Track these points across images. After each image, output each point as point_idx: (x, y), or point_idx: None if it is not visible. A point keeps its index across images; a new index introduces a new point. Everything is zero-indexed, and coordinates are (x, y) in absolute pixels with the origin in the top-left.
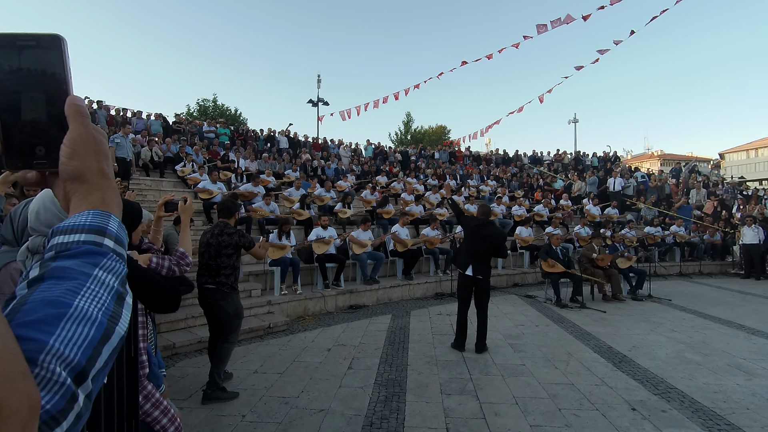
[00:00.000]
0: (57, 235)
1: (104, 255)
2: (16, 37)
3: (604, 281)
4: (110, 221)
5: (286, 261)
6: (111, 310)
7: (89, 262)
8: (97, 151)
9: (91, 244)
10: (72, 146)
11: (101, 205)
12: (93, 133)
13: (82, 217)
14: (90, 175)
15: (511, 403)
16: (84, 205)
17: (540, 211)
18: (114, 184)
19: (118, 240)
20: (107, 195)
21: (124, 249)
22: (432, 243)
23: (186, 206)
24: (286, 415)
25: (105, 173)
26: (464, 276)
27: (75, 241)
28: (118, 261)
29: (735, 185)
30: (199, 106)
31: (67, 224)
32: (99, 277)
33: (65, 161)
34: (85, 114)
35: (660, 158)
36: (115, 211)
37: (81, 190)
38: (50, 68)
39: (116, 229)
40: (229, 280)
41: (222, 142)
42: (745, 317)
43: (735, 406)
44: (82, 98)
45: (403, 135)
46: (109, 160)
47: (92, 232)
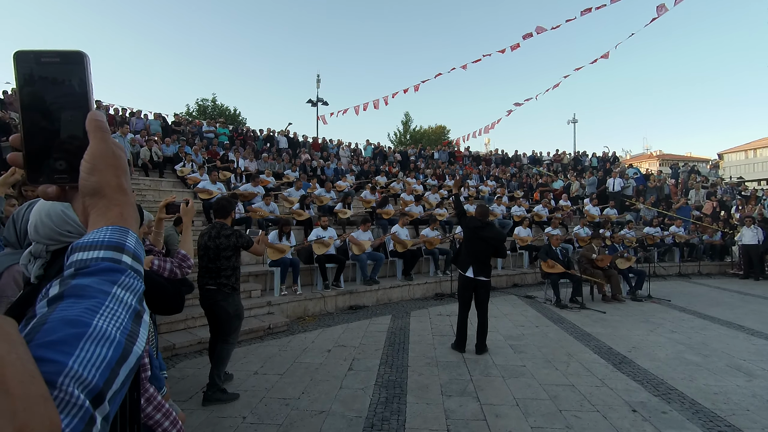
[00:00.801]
0: (76, 252)
1: (122, 272)
2: (41, 54)
3: (603, 282)
4: (128, 237)
5: (286, 261)
6: (129, 329)
7: (108, 279)
8: (116, 166)
9: (110, 261)
10: (92, 162)
11: (120, 220)
12: (113, 148)
13: (101, 233)
14: (109, 190)
15: (512, 405)
16: (103, 220)
17: (539, 211)
18: (132, 199)
19: (136, 256)
20: (125, 210)
21: (142, 265)
22: (432, 243)
23: (188, 208)
24: (286, 416)
25: (123, 188)
26: (464, 277)
27: (94, 258)
28: (136, 278)
29: (734, 186)
30: (199, 105)
31: (86, 240)
32: (117, 295)
33: (85, 177)
34: (106, 129)
35: (659, 158)
36: (133, 226)
37: (100, 205)
38: (73, 84)
39: (134, 245)
40: (230, 281)
41: (221, 142)
42: (745, 318)
43: (735, 407)
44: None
45: (402, 135)
46: (127, 174)
47: (111, 248)
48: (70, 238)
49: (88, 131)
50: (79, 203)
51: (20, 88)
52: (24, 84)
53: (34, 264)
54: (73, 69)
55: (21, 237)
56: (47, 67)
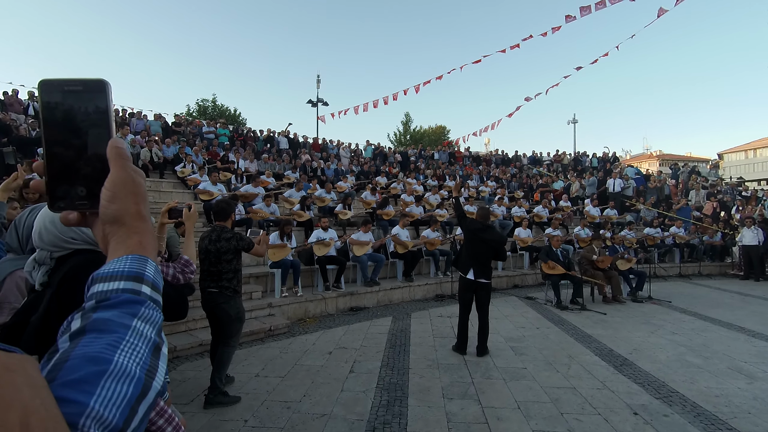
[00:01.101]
0: (97, 283)
1: (142, 303)
2: (64, 82)
3: (604, 283)
4: (147, 266)
5: (287, 263)
6: (148, 364)
7: (128, 312)
8: (135, 193)
9: (130, 292)
10: (112, 189)
11: (139, 249)
12: (132, 175)
13: (120, 263)
14: (128, 218)
15: (513, 408)
16: (122, 249)
17: (539, 212)
18: (151, 226)
19: (155, 286)
20: (144, 238)
21: (160, 294)
22: (432, 244)
23: (190, 213)
24: (288, 420)
25: (143, 215)
26: (465, 279)
27: (114, 290)
28: (155, 309)
29: (734, 186)
30: (199, 106)
31: (106, 271)
32: (138, 328)
33: (105, 204)
34: (126, 157)
35: (659, 158)
36: (151, 254)
37: (120, 233)
38: (94, 112)
39: (153, 274)
40: (232, 284)
41: (221, 143)
42: (745, 319)
43: (737, 410)
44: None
45: (402, 135)
46: (146, 201)
47: (131, 279)
48: (73, 245)
49: (109, 159)
50: (99, 229)
51: (44, 116)
52: (47, 112)
53: (39, 271)
54: (94, 97)
55: (23, 242)
56: (70, 95)
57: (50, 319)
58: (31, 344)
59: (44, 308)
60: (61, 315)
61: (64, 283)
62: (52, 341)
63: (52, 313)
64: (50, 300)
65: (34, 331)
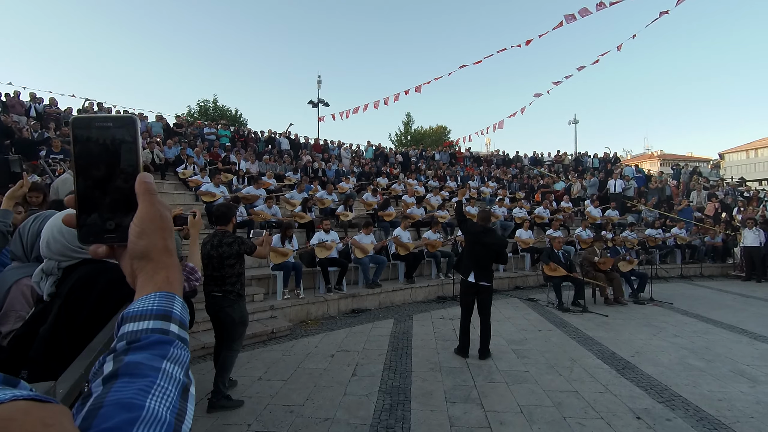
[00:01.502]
0: (127, 323)
1: (171, 344)
2: (94, 119)
3: (605, 284)
4: (174, 303)
5: (289, 265)
6: (177, 407)
7: (158, 354)
8: (163, 228)
9: (159, 332)
10: (141, 225)
11: (166, 285)
12: (160, 210)
13: (149, 301)
14: (156, 253)
15: (516, 412)
16: (150, 285)
17: (540, 213)
18: (177, 261)
19: (182, 323)
20: (171, 274)
21: (187, 331)
22: (433, 246)
23: (195, 221)
24: (291, 424)
25: (169, 250)
26: (466, 282)
27: (144, 330)
28: (183, 348)
29: (735, 187)
30: (200, 107)
31: (135, 309)
32: (168, 371)
33: (134, 240)
34: (154, 192)
35: (660, 158)
36: (178, 290)
37: (147, 268)
38: (123, 147)
39: (180, 311)
40: (235, 288)
41: (222, 144)
42: (747, 321)
43: (739, 414)
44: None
45: (402, 135)
46: (173, 235)
47: (159, 317)
48: (81, 255)
49: (137, 194)
50: (127, 263)
51: (75, 152)
52: (79, 147)
53: (47, 281)
54: (123, 132)
55: (28, 250)
56: (100, 131)
57: (59, 330)
58: (40, 355)
59: (53, 319)
60: (69, 326)
61: (72, 293)
62: (61, 352)
63: (61, 324)
64: (59, 311)
65: (43, 342)
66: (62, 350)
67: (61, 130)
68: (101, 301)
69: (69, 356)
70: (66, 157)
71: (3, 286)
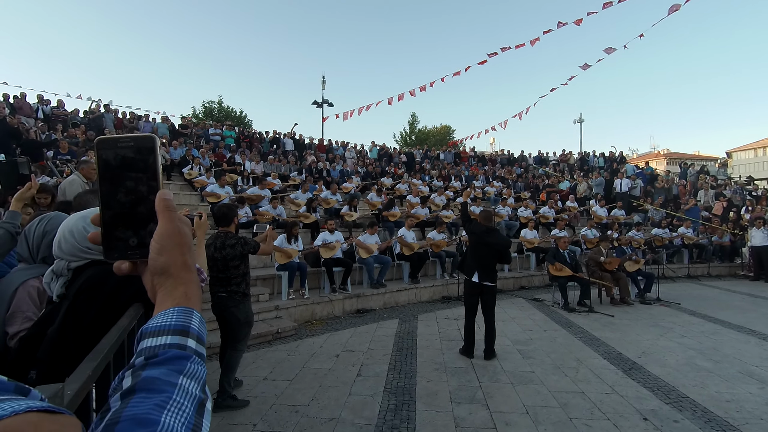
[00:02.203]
0: (146, 338)
1: (188, 359)
2: (118, 140)
3: (612, 284)
4: (193, 318)
5: (294, 265)
6: (193, 423)
7: (175, 369)
8: (181, 244)
9: (177, 347)
10: (160, 242)
11: (185, 300)
12: (179, 226)
13: (167, 316)
14: (175, 269)
15: (522, 413)
16: (169, 300)
17: (546, 213)
18: (195, 276)
19: (200, 338)
20: (190, 289)
21: (204, 346)
22: (438, 246)
23: (201, 222)
24: (296, 424)
25: (188, 265)
26: (470, 282)
27: (162, 345)
28: (200, 363)
29: (743, 186)
30: (205, 108)
31: (154, 325)
32: (184, 386)
33: (154, 257)
34: (173, 208)
35: (666, 157)
36: (196, 305)
37: (167, 284)
38: (143, 166)
39: (198, 326)
40: (241, 288)
41: (228, 145)
42: (756, 321)
43: (748, 416)
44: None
45: (407, 135)
46: (192, 251)
47: (177, 333)
48: (90, 255)
49: (157, 211)
50: (148, 279)
51: (100, 172)
52: (103, 167)
53: (57, 282)
54: (144, 151)
55: (34, 252)
56: (123, 150)
57: (66, 331)
58: (48, 356)
59: (60, 320)
60: (77, 327)
61: (80, 294)
62: (69, 353)
63: (68, 325)
64: (66, 312)
65: (51, 343)
66: (70, 351)
67: (68, 132)
68: (109, 302)
69: (77, 357)
70: (73, 158)
71: (10, 287)
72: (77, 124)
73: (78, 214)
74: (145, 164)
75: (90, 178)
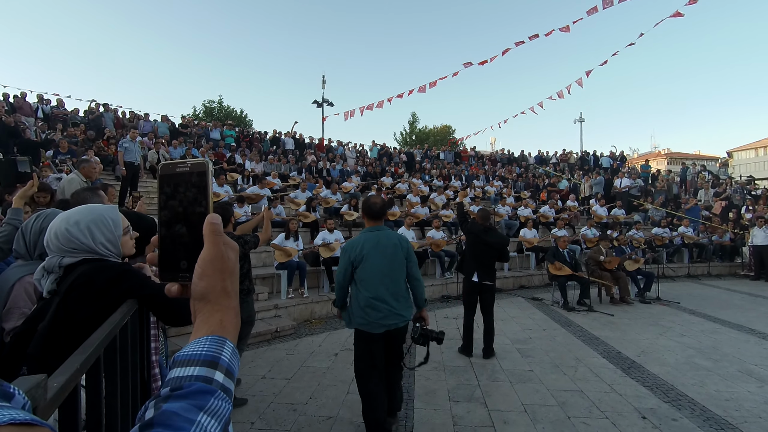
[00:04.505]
0: (175, 367)
1: (212, 394)
2: (177, 164)
3: (611, 284)
4: (224, 349)
5: (293, 264)
6: None
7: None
8: (223, 270)
9: (203, 380)
10: (203, 267)
11: (219, 329)
12: (223, 252)
13: (199, 345)
14: (214, 295)
15: (520, 411)
16: (204, 328)
17: (545, 212)
18: (235, 303)
19: (229, 371)
20: (226, 317)
21: (234, 379)
22: (438, 245)
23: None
24: (294, 422)
25: (227, 291)
26: (470, 281)
27: (188, 377)
28: (225, 400)
29: (743, 185)
30: (205, 107)
31: (185, 354)
32: (203, 424)
33: (196, 281)
34: (219, 232)
35: (667, 156)
36: (231, 334)
37: (205, 310)
38: (196, 189)
39: (229, 357)
40: (243, 285)
41: (228, 144)
42: (756, 321)
43: (747, 414)
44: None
45: (408, 135)
46: (234, 276)
47: (206, 364)
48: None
49: (204, 235)
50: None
51: (160, 195)
52: (163, 190)
53: (48, 279)
54: (197, 175)
55: (30, 248)
56: (179, 174)
57: (57, 327)
58: (38, 352)
59: (51, 316)
60: (68, 323)
61: (70, 291)
62: (59, 349)
63: (59, 321)
64: (57, 308)
65: (42, 339)
66: (60, 347)
67: (67, 131)
68: (100, 299)
69: (67, 353)
70: (73, 157)
71: (6, 283)
72: (77, 124)
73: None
74: (198, 188)
75: (90, 177)
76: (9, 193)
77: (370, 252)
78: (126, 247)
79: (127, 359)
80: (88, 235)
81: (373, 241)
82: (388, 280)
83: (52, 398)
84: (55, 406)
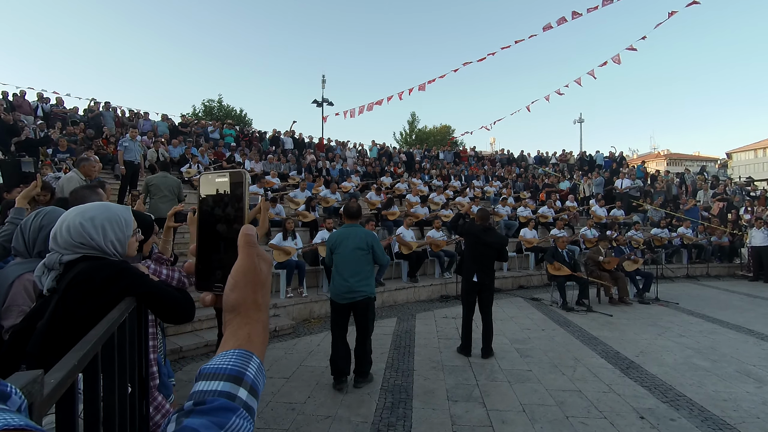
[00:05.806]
0: (201, 380)
1: (234, 411)
2: (216, 174)
3: (610, 284)
4: (250, 364)
5: (292, 264)
6: None
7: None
8: (255, 282)
9: (226, 396)
10: (235, 278)
11: (246, 343)
12: (256, 263)
13: (225, 359)
14: (244, 307)
15: (518, 411)
16: (232, 341)
17: (545, 212)
18: (264, 316)
19: (253, 388)
20: (254, 330)
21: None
22: (437, 245)
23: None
24: (293, 421)
25: (258, 304)
26: (469, 281)
27: (211, 391)
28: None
29: (742, 186)
30: (205, 106)
31: (211, 367)
32: None
33: (227, 293)
34: (253, 244)
35: (666, 157)
36: (258, 349)
37: (234, 322)
38: (233, 199)
39: (254, 374)
40: None
41: (227, 143)
42: (754, 321)
43: (745, 414)
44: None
45: (408, 135)
46: (266, 288)
47: (230, 379)
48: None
49: (239, 245)
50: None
51: (199, 204)
52: (203, 200)
53: (48, 276)
54: (234, 185)
55: (30, 246)
56: (218, 184)
57: (56, 325)
58: (37, 349)
59: (50, 314)
60: (67, 320)
61: (70, 288)
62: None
63: (58, 319)
64: (56, 305)
65: (40, 337)
66: (59, 344)
67: (66, 130)
68: (99, 296)
69: (66, 350)
70: (72, 156)
71: (5, 281)
72: (76, 122)
73: (76, 208)
74: (235, 198)
75: (89, 175)
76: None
77: (342, 242)
78: (131, 248)
79: (124, 357)
80: (101, 232)
81: (345, 234)
82: (352, 264)
83: (48, 394)
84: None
